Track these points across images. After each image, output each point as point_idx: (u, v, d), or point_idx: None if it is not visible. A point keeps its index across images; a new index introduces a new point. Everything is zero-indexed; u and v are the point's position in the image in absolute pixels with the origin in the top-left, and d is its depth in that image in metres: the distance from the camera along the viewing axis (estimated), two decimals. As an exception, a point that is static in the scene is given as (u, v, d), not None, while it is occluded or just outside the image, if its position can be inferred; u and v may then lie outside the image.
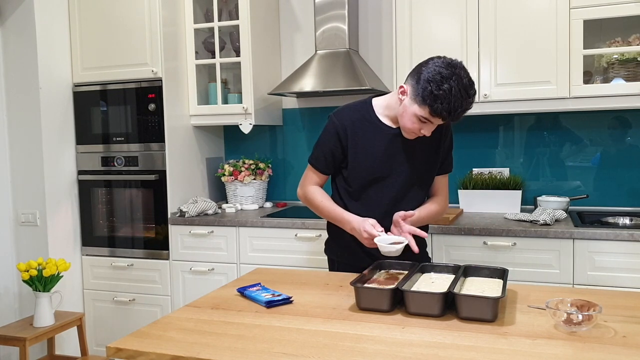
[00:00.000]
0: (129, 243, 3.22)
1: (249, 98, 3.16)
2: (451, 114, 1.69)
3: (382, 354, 1.23)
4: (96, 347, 3.29)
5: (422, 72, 1.71)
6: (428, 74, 1.69)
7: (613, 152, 2.95)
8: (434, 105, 1.68)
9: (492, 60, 2.75)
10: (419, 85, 1.71)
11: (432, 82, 1.67)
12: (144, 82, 3.12)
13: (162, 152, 3.11)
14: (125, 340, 1.34)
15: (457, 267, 1.69)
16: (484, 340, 1.29)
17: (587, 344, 1.25)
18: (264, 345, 1.29)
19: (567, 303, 1.40)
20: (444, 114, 1.69)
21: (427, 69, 1.70)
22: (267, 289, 1.70)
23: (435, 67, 1.69)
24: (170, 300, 3.13)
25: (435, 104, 1.68)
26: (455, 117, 1.71)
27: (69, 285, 3.16)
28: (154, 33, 3.06)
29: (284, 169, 3.57)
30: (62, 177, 3.18)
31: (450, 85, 1.65)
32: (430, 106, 1.69)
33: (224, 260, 3.02)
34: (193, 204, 3.13)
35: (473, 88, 1.71)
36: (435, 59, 1.73)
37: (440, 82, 1.66)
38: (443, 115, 1.70)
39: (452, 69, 1.68)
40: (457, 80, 1.66)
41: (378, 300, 1.50)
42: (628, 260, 2.36)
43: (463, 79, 1.67)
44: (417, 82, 1.72)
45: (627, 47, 2.59)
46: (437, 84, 1.66)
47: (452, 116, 1.70)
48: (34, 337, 2.66)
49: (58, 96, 3.16)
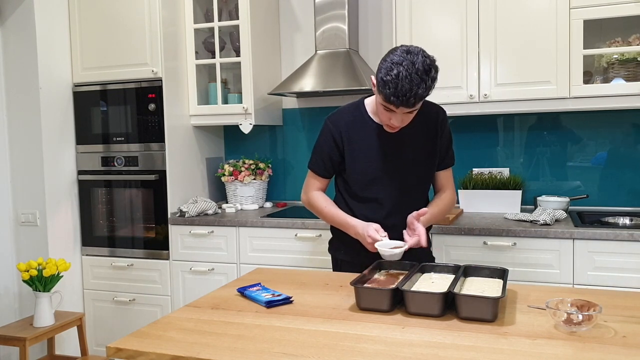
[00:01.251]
0: (129, 243, 3.22)
1: (249, 98, 3.16)
2: (399, 98, 1.68)
3: (382, 354, 1.23)
4: (96, 347, 3.29)
5: (381, 61, 1.74)
6: (383, 62, 1.72)
7: (613, 152, 2.95)
8: (384, 91, 1.69)
9: (492, 60, 2.75)
10: (377, 74, 1.73)
11: (383, 69, 1.70)
12: (144, 82, 3.12)
13: (162, 152, 3.11)
14: (125, 340, 1.34)
15: (457, 267, 1.69)
16: (484, 340, 1.29)
17: (587, 344, 1.25)
18: (264, 345, 1.29)
19: (567, 303, 1.40)
20: (393, 99, 1.69)
21: (384, 58, 1.73)
22: (267, 289, 1.70)
23: (391, 54, 1.71)
24: (170, 300, 3.13)
25: (385, 89, 1.69)
26: (406, 101, 1.69)
27: (69, 285, 3.16)
28: (154, 33, 3.06)
29: (284, 169, 3.57)
30: (62, 177, 3.18)
31: (398, 70, 1.66)
32: (382, 92, 1.71)
33: (224, 260, 3.02)
34: (193, 204, 3.13)
35: (429, 74, 1.68)
36: (398, 47, 1.74)
37: (390, 68, 1.68)
38: (392, 101, 1.70)
39: (405, 55, 1.68)
40: (408, 66, 1.66)
41: (378, 300, 1.50)
42: (628, 260, 2.36)
43: (416, 64, 1.67)
44: (378, 71, 1.74)
45: (627, 47, 2.59)
46: (387, 70, 1.68)
47: (402, 101, 1.69)
48: (34, 337, 2.66)
49: (58, 96, 3.16)
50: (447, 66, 2.81)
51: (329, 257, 2.17)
